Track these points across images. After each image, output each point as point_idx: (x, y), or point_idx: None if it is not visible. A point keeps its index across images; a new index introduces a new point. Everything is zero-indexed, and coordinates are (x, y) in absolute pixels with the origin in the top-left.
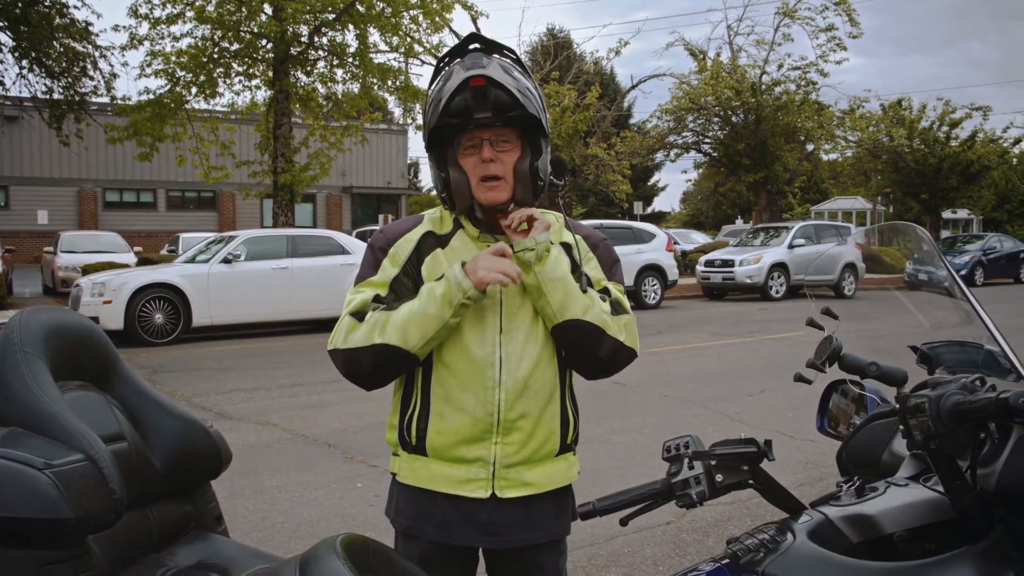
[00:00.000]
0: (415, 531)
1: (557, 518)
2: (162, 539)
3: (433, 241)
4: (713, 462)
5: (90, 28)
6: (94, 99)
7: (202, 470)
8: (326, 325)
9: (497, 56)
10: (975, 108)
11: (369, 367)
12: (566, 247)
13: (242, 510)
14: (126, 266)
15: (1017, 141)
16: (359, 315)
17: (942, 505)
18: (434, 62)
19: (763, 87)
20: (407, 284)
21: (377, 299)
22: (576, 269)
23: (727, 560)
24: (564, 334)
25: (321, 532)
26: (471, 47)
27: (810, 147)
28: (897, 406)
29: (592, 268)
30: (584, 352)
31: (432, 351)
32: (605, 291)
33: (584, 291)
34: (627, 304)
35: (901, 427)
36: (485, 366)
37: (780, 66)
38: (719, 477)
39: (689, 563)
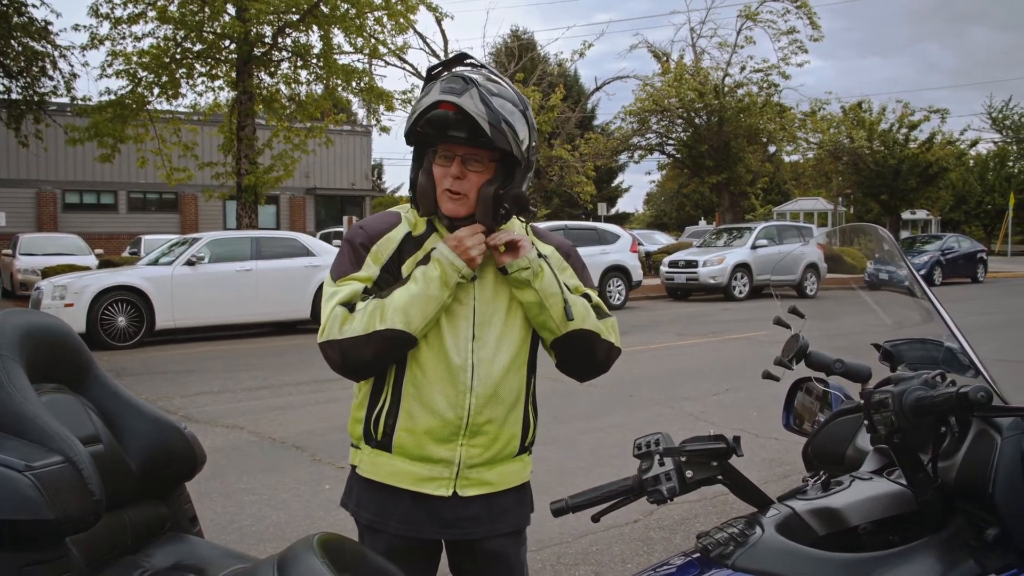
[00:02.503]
0: (379, 525)
1: (517, 509)
2: (138, 541)
3: (412, 244)
4: (683, 458)
5: (49, 27)
6: (53, 99)
7: (177, 472)
8: (291, 327)
9: (480, 80)
10: (933, 111)
11: (371, 354)
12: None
13: (210, 513)
14: (87, 269)
15: (974, 143)
16: (349, 306)
17: (905, 497)
18: (398, 63)
19: (726, 89)
20: (389, 282)
21: (365, 291)
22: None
23: (698, 554)
24: (566, 343)
25: (289, 534)
26: (465, 61)
27: (772, 148)
28: (862, 402)
29: (569, 277)
30: (583, 358)
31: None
32: (586, 297)
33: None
34: (606, 307)
35: (865, 422)
36: (459, 371)
37: (742, 68)
38: (689, 473)
39: (657, 560)
